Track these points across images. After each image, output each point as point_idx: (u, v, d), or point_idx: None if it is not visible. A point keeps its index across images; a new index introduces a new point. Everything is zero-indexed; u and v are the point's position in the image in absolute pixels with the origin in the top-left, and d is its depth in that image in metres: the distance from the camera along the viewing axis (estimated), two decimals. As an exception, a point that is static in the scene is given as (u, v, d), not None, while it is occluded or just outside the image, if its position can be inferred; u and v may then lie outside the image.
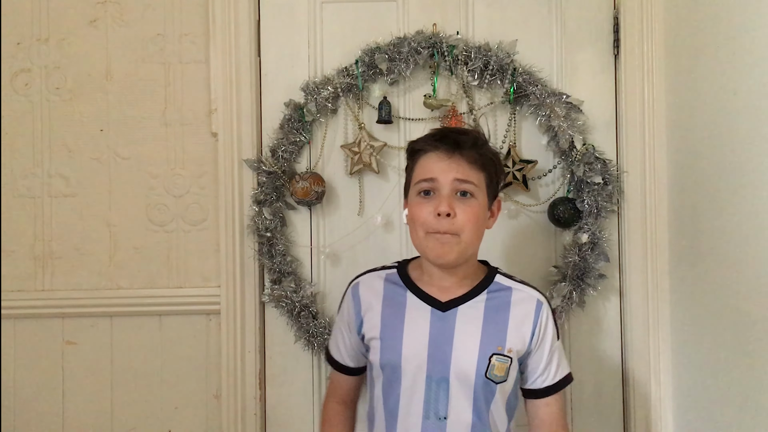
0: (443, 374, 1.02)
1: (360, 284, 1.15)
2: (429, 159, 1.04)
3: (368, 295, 1.12)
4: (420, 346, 1.04)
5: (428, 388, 1.03)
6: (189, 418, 1.48)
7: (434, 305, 1.06)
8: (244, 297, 1.45)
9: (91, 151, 1.48)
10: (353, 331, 1.13)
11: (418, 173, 1.05)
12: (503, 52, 1.39)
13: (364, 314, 1.11)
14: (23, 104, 1.47)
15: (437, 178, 1.01)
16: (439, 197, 1.01)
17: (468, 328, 1.04)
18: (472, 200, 1.02)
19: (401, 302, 1.08)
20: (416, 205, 1.04)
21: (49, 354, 1.47)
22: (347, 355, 1.17)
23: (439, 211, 1.00)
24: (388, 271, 1.15)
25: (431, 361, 1.03)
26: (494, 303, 1.06)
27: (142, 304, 1.46)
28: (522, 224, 1.46)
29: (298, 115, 1.42)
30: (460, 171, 1.01)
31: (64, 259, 1.47)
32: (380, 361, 1.07)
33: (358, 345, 1.14)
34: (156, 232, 1.48)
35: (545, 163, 1.45)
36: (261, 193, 1.42)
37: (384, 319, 1.08)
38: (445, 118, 1.43)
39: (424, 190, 1.03)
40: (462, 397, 1.02)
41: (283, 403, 1.48)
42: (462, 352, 1.03)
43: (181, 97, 1.47)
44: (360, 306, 1.12)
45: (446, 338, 1.03)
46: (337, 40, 1.46)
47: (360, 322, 1.11)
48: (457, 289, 1.07)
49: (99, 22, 1.48)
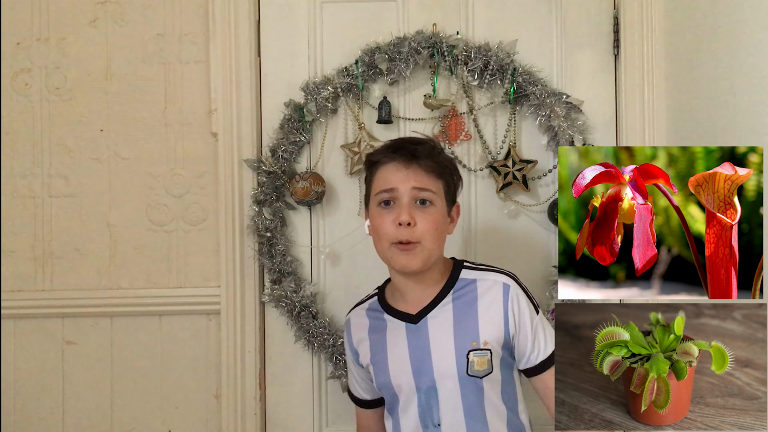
0: (429, 383, 1.05)
1: (350, 320, 1.19)
2: (387, 170, 1.05)
3: (356, 328, 1.17)
4: (403, 362, 1.07)
5: (420, 399, 1.06)
6: (189, 418, 1.48)
7: (407, 320, 1.09)
8: (244, 297, 1.45)
9: (91, 151, 1.48)
10: (356, 363, 1.18)
11: (377, 184, 1.07)
12: (503, 52, 1.39)
13: (357, 346, 1.16)
14: (23, 104, 1.48)
15: (396, 188, 1.03)
16: (399, 207, 1.03)
17: (440, 333, 1.06)
18: (431, 207, 1.04)
19: (382, 326, 1.12)
20: (378, 216, 1.06)
21: (49, 354, 1.47)
22: (360, 388, 1.21)
23: (399, 220, 1.02)
24: (371, 300, 1.18)
25: (416, 373, 1.06)
26: (461, 301, 1.08)
27: (142, 304, 1.46)
28: (522, 224, 1.46)
29: (298, 115, 1.42)
30: (417, 180, 1.03)
31: (64, 259, 1.47)
32: (377, 386, 1.12)
33: (365, 374, 1.18)
34: (156, 232, 1.48)
35: (545, 163, 1.45)
36: (261, 193, 1.42)
37: (372, 346, 1.12)
38: (445, 118, 1.43)
39: (384, 200, 1.05)
40: (451, 400, 1.05)
41: (283, 403, 1.48)
42: (440, 357, 1.05)
43: (181, 97, 1.47)
44: (351, 339, 1.17)
45: (423, 348, 1.06)
46: (337, 40, 1.46)
47: (356, 353, 1.16)
48: (425, 298, 1.09)
49: (99, 22, 1.48)
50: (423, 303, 1.09)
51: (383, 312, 1.13)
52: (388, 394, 1.11)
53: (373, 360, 1.12)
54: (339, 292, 1.47)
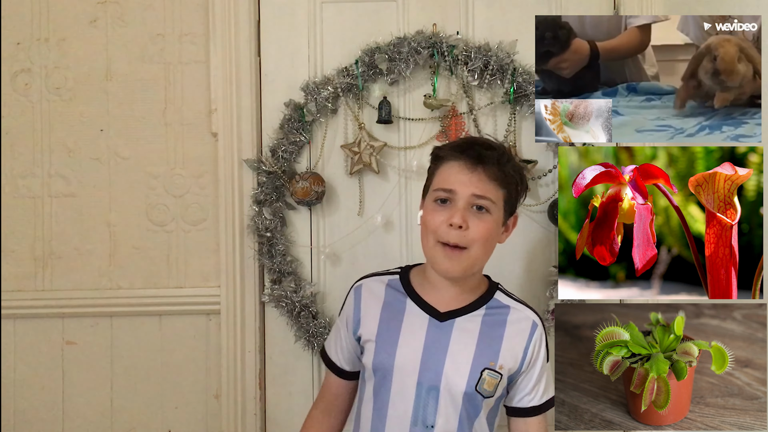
0: (434, 383, 1.04)
1: (363, 286, 1.15)
2: (450, 169, 1.04)
3: (369, 297, 1.13)
4: (414, 353, 1.05)
5: (418, 395, 1.04)
6: (189, 418, 1.48)
7: (432, 314, 1.07)
8: (244, 297, 1.45)
9: (91, 151, 1.48)
10: (350, 331, 1.14)
11: (438, 181, 1.05)
12: (503, 52, 1.39)
13: (362, 316, 1.12)
14: (23, 104, 1.48)
15: (456, 191, 1.02)
16: (455, 208, 1.01)
17: (463, 340, 1.05)
18: (486, 215, 1.02)
19: (400, 308, 1.09)
20: (431, 212, 1.04)
21: (49, 354, 1.47)
22: (342, 357, 1.17)
23: (452, 221, 1.00)
24: (391, 276, 1.15)
25: (423, 368, 1.04)
26: (491, 319, 1.08)
27: (142, 304, 1.46)
28: (522, 224, 1.46)
29: (298, 115, 1.42)
30: (479, 186, 1.01)
31: (64, 259, 1.47)
32: (372, 364, 1.08)
33: (354, 346, 1.14)
34: (156, 232, 1.48)
35: (545, 163, 1.45)
36: (261, 193, 1.42)
37: (381, 323, 1.09)
38: (445, 118, 1.43)
39: (441, 198, 1.04)
40: (450, 407, 1.03)
41: (283, 403, 1.48)
42: (455, 363, 1.04)
43: (181, 97, 1.47)
44: (359, 307, 1.13)
45: (441, 348, 1.05)
46: (337, 40, 1.46)
47: (357, 323, 1.12)
48: (457, 301, 1.08)
49: (99, 22, 1.48)
50: (453, 305, 1.07)
51: (406, 296, 1.10)
52: (380, 376, 1.07)
53: (379, 338, 1.08)
54: (339, 292, 1.47)
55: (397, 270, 1.17)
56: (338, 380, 1.18)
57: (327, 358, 1.19)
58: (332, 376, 1.19)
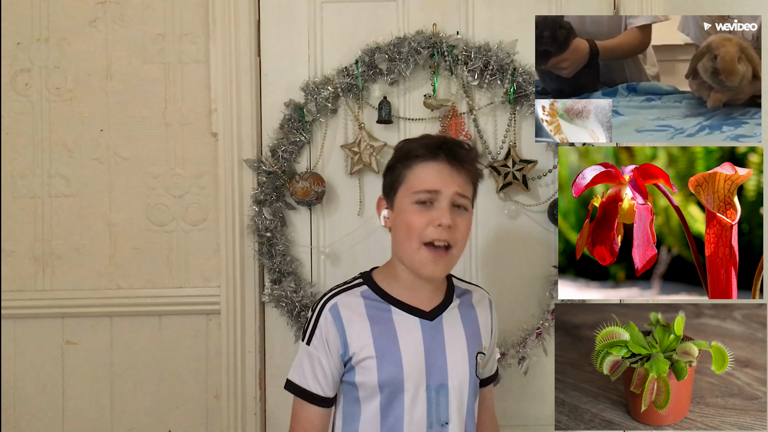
0: (441, 381, 1.04)
1: (338, 304, 1.06)
2: (428, 168, 1.01)
3: (350, 314, 1.05)
4: (418, 357, 1.04)
5: (429, 397, 1.04)
6: (189, 418, 1.48)
7: (422, 316, 1.06)
8: (244, 297, 1.45)
9: (91, 151, 1.48)
10: (335, 355, 1.05)
11: (416, 182, 1.02)
12: (503, 52, 1.39)
13: (348, 335, 1.04)
14: (23, 104, 1.48)
15: (440, 191, 1.00)
16: (441, 208, 1.00)
17: (455, 332, 1.07)
18: (465, 213, 1.03)
19: (387, 318, 1.05)
20: (413, 214, 1.01)
21: (49, 354, 1.47)
22: (326, 385, 1.05)
23: (441, 222, 0.99)
24: (360, 288, 1.09)
25: (429, 370, 1.04)
26: (464, 306, 1.11)
27: (142, 304, 1.46)
28: (522, 224, 1.46)
29: (298, 115, 1.42)
30: (460, 185, 1.01)
31: (64, 259, 1.47)
32: (378, 380, 1.02)
33: (340, 370, 1.06)
34: (156, 232, 1.48)
35: (545, 163, 1.45)
36: (261, 193, 1.42)
37: (376, 337, 1.04)
38: (445, 118, 1.43)
39: (421, 200, 1.01)
40: (459, 400, 1.05)
41: (283, 403, 1.48)
42: (455, 356, 1.05)
43: (181, 97, 1.47)
44: (343, 327, 1.05)
45: (439, 345, 1.05)
46: (337, 40, 1.46)
47: (344, 344, 1.04)
48: (435, 297, 1.09)
49: (99, 22, 1.48)
50: (434, 302, 1.08)
51: (388, 305, 1.06)
52: (389, 390, 1.02)
53: (379, 353, 1.02)
54: (339, 292, 1.47)
55: (359, 279, 1.12)
56: (322, 411, 1.06)
57: (306, 393, 1.06)
58: (314, 409, 1.06)
